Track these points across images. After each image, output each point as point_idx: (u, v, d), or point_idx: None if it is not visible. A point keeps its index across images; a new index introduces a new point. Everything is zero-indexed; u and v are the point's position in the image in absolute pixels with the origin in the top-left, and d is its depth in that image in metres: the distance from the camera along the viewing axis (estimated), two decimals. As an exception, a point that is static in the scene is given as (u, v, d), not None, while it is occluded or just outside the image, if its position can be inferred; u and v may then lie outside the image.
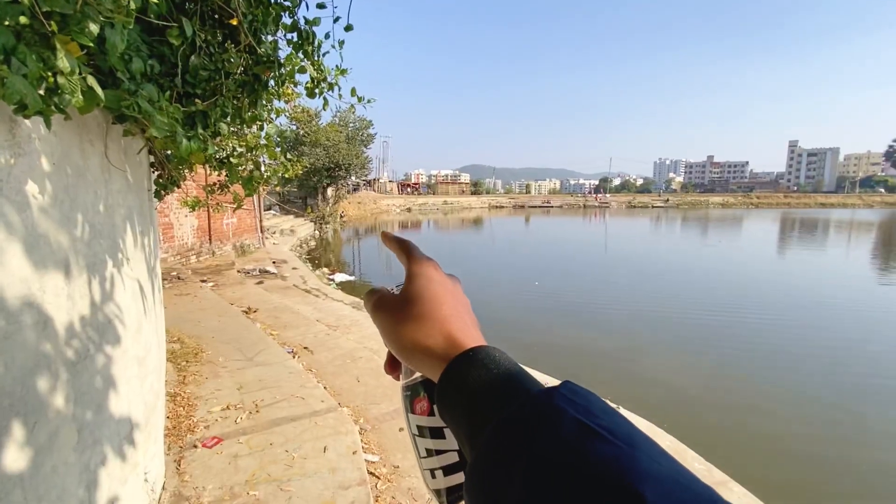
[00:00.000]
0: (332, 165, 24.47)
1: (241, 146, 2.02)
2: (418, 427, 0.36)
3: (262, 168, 2.20)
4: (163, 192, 2.24)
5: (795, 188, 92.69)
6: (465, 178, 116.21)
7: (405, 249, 0.41)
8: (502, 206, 60.54)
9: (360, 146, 26.50)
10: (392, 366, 0.40)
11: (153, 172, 2.27)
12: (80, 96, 0.98)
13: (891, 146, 78.00)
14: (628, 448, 0.21)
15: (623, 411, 3.81)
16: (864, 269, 15.31)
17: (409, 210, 49.72)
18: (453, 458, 0.34)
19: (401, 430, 3.14)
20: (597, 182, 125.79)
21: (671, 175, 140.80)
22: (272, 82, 1.90)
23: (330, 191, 27.77)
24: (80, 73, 0.98)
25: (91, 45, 1.02)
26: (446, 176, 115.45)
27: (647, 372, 6.02)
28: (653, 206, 59.94)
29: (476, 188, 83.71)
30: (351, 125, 26.15)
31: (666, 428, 3.61)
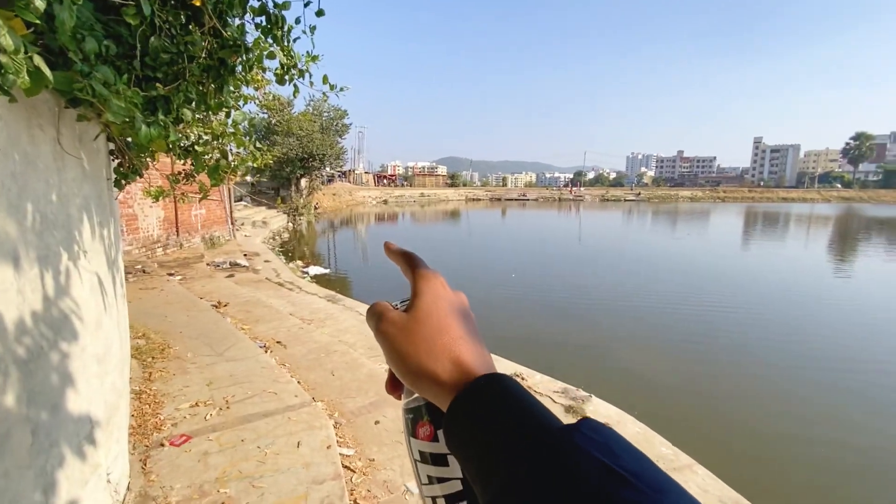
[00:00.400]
0: (306, 156, 23.93)
1: (206, 134, 1.94)
2: (420, 452, 0.34)
3: (230, 157, 2.12)
4: (124, 182, 2.14)
5: (760, 183, 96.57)
6: (443, 170, 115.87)
7: (410, 263, 0.39)
8: (479, 199, 60.76)
9: (334, 136, 25.98)
10: (393, 385, 0.38)
11: (113, 160, 2.16)
12: (27, 77, 0.92)
13: (847, 144, 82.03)
14: (655, 494, 0.20)
15: (596, 399, 3.92)
16: (823, 261, 16.14)
17: (385, 202, 49.26)
18: (457, 486, 0.32)
19: (377, 423, 3.13)
20: (571, 175, 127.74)
21: (643, 169, 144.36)
22: (239, 67, 1.83)
23: (304, 182, 27.20)
24: (25, 53, 0.91)
25: (37, 21, 0.96)
26: (423, 168, 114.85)
27: (620, 361, 6.20)
28: (625, 200, 61.34)
29: (453, 180, 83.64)
30: (325, 115, 25.59)
31: (636, 415, 3.73)
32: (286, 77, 2.05)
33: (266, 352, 4.28)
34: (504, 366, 4.64)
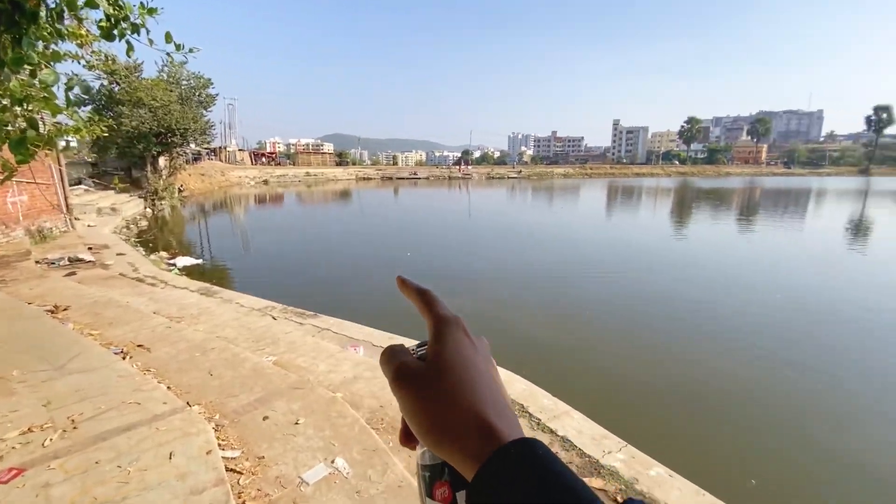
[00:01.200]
0: (163, 130, 20.77)
1: (3, 97, 1.53)
2: None
3: (43, 127, 1.71)
4: None
5: (619, 160, 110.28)
6: (329, 147, 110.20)
7: (428, 302, 0.36)
8: (370, 178, 59.40)
9: (197, 108, 22.88)
10: (407, 436, 0.34)
11: None
12: None
13: (682, 126, 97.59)
14: None
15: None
16: (666, 224, 19.20)
17: (265, 182, 45.38)
18: None
19: (265, 418, 2.93)
20: (459, 154, 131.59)
21: (523, 148, 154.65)
22: (44, 14, 1.47)
23: (162, 161, 23.68)
24: None
25: None
26: (307, 145, 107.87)
27: (508, 325, 6.69)
28: (508, 177, 65.31)
29: (341, 159, 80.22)
30: (184, 83, 22.35)
31: (524, 374, 4.07)
32: (115, 31, 1.70)
33: (124, 358, 3.71)
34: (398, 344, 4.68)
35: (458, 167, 74.61)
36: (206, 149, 37.38)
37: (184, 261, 10.09)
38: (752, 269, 10.66)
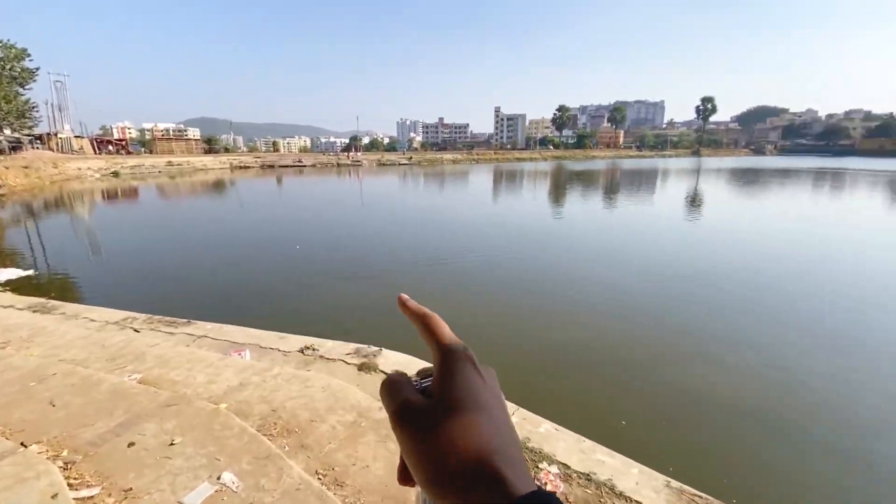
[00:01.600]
0: (-38, 112, 16.44)
1: None
2: None
3: None
4: None
5: (504, 146, 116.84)
6: (195, 133, 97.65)
7: (432, 329, 0.34)
8: (248, 167, 54.32)
9: (10, 85, 18.55)
10: (406, 477, 0.31)
11: None
12: None
13: (554, 114, 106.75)
14: None
15: (386, 351, 4.16)
16: (545, 204, 20.97)
17: (115, 175, 38.66)
18: None
19: (131, 445, 2.55)
20: (347, 140, 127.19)
21: (412, 135, 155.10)
22: None
23: (-35, 150, 18.81)
24: None
25: None
26: (167, 131, 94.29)
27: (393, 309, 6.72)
28: (399, 164, 65.08)
29: (211, 145, 71.92)
30: (-12, 53, 17.87)
31: (399, 348, 4.18)
32: None
33: (-81, 402, 2.91)
34: (297, 342, 4.43)
35: (346, 154, 72.17)
36: (27, 135, 30.57)
37: (7, 273, 8.22)
38: (617, 241, 12.25)
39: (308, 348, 4.23)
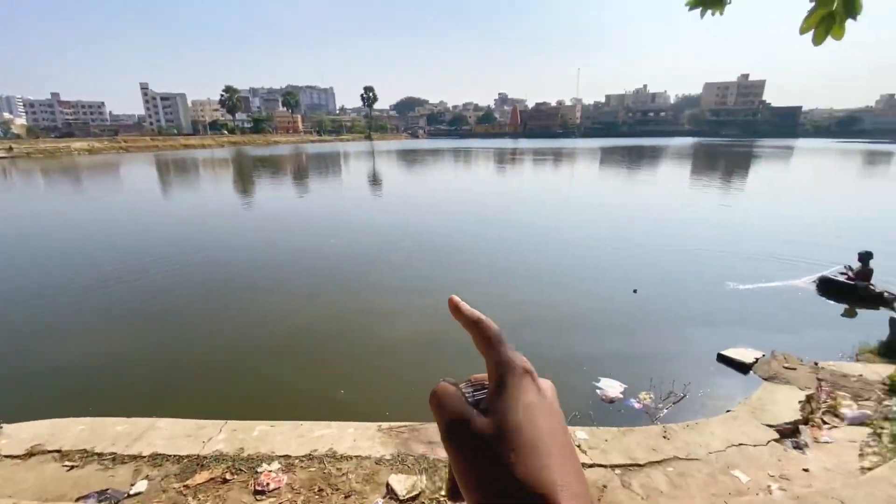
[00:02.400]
0: None
1: None
2: None
3: None
4: None
5: (164, 131, 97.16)
6: None
7: (489, 339, 0.30)
8: None
9: None
10: (455, 495, 0.29)
11: None
12: None
13: (222, 96, 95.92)
14: None
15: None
16: (232, 198, 19.01)
17: None
18: None
19: None
20: None
21: (7, 115, 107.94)
22: None
23: None
24: None
25: None
26: None
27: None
28: (-11, 158, 44.33)
29: None
30: None
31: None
32: None
33: None
34: None
35: None
36: None
37: None
38: (302, 225, 12.54)
39: None
